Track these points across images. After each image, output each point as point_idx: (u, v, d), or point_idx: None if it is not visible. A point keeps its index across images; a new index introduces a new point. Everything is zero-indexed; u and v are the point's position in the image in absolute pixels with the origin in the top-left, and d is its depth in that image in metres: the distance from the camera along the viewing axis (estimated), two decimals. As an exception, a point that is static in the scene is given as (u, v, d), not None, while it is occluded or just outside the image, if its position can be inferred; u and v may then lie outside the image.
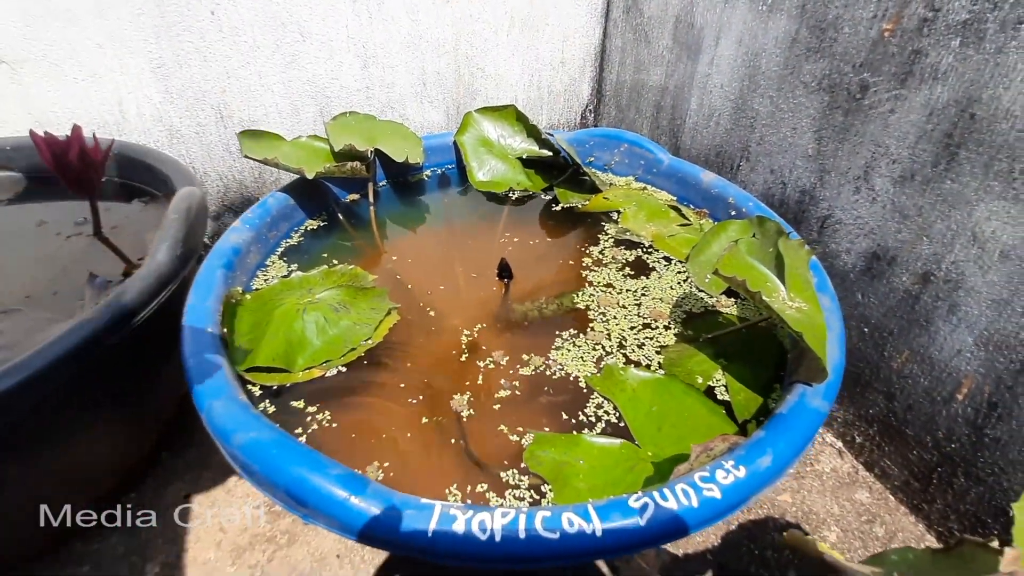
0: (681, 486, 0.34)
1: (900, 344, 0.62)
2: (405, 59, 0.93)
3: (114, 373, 0.54)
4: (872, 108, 0.59)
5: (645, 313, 0.56)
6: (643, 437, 0.43)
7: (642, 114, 0.98)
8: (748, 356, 0.50)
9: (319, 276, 0.56)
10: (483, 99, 1.03)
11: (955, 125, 0.52)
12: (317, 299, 0.52)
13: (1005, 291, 0.51)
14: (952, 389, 0.57)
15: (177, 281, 0.55)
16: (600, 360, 0.51)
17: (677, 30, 0.85)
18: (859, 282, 0.65)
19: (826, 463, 0.71)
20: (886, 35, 0.56)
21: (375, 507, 0.32)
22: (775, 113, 0.71)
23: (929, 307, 0.58)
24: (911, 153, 0.56)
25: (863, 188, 0.62)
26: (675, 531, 0.33)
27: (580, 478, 0.40)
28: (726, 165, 0.81)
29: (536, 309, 0.57)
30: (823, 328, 0.43)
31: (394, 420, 0.46)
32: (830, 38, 0.62)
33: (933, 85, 0.53)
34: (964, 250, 0.53)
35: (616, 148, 0.80)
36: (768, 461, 0.35)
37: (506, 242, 0.68)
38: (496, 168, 0.79)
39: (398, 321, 0.54)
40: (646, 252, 0.65)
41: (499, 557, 0.31)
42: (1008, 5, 0.46)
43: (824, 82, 0.63)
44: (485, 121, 0.81)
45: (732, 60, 0.76)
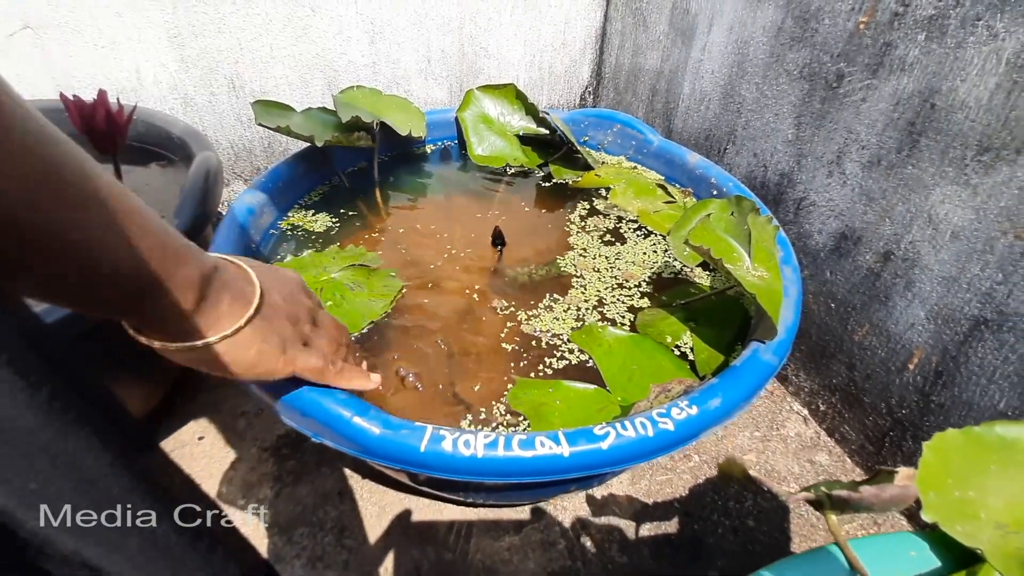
0: (640, 419, 0.39)
1: (862, 318, 0.67)
2: (411, 36, 0.96)
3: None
4: (846, 96, 0.63)
5: (622, 277, 0.61)
6: (614, 385, 0.48)
7: (639, 97, 1.02)
8: (715, 320, 0.55)
9: (331, 255, 0.61)
10: (485, 78, 1.06)
11: (918, 114, 0.56)
12: (333, 278, 0.56)
13: (954, 269, 0.55)
14: (905, 359, 0.62)
15: (198, 240, 0.60)
16: (580, 318, 0.56)
17: (673, 16, 0.89)
18: (828, 260, 0.69)
19: (791, 428, 0.76)
20: (861, 27, 0.60)
21: (375, 427, 0.37)
22: (760, 99, 0.75)
23: (888, 284, 0.62)
24: (879, 140, 0.60)
25: (835, 172, 0.66)
26: (632, 456, 0.38)
27: (555, 415, 0.45)
28: (714, 148, 0.85)
29: (527, 274, 0.62)
30: (779, 292, 0.48)
31: (398, 363, 0.51)
32: (812, 28, 0.65)
33: (900, 76, 0.57)
34: (920, 231, 0.58)
35: (609, 128, 0.84)
36: (718, 403, 0.41)
37: (501, 213, 0.73)
38: (495, 144, 0.83)
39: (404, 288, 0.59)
40: (629, 225, 0.70)
41: (480, 470, 0.37)
42: (969, 2, 0.50)
43: (805, 71, 0.67)
44: (486, 99, 0.85)
45: (723, 47, 0.80)
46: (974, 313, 0.54)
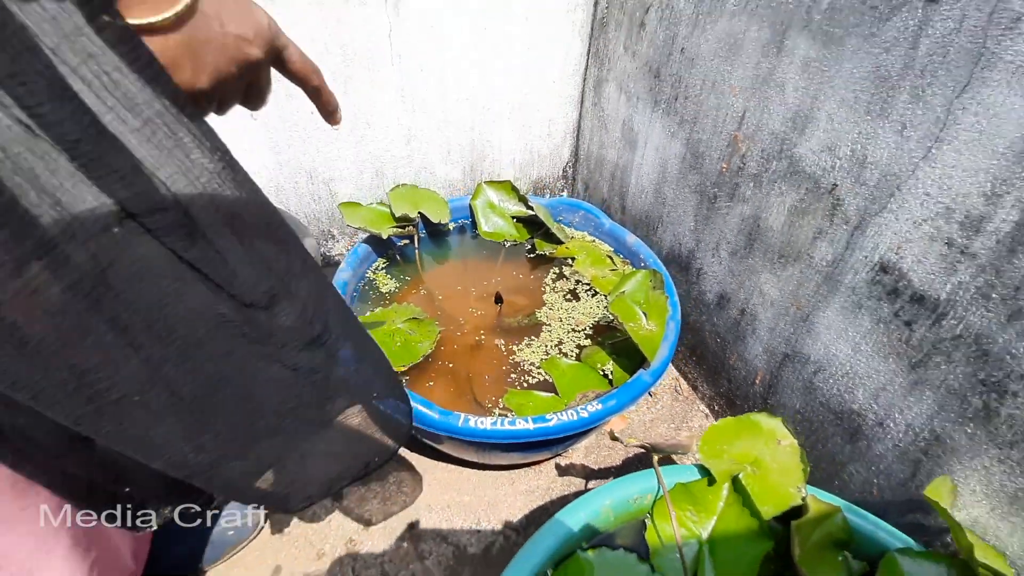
0: (570, 411, 0.75)
1: (732, 350, 1.03)
2: (436, 136, 1.33)
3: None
4: (719, 210, 0.99)
5: (575, 324, 0.98)
6: (564, 394, 0.85)
7: (603, 178, 1.39)
8: (626, 354, 0.91)
9: (394, 311, 0.97)
10: (490, 160, 1.43)
11: (752, 228, 0.92)
12: (399, 327, 0.93)
13: (772, 323, 0.92)
14: (754, 377, 0.98)
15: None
16: (547, 352, 0.93)
17: (623, 128, 1.25)
18: (714, 311, 1.06)
19: (696, 421, 1.12)
20: (723, 170, 0.96)
21: (435, 413, 0.74)
22: (675, 200, 1.11)
23: (743, 329, 0.99)
24: (735, 240, 0.97)
25: (715, 255, 1.02)
26: (568, 428, 0.74)
27: (529, 410, 0.81)
28: (651, 226, 1.22)
29: (516, 322, 0.99)
30: (658, 341, 0.84)
31: (438, 382, 0.87)
32: (699, 163, 1.02)
33: (742, 204, 0.93)
34: (757, 299, 0.94)
35: (576, 213, 1.21)
36: (613, 403, 0.77)
37: (501, 276, 1.09)
38: (497, 223, 1.19)
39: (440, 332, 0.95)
40: (583, 287, 1.07)
41: (487, 436, 0.73)
42: (771, 169, 0.86)
43: (697, 188, 1.04)
44: (490, 190, 1.21)
45: (653, 159, 1.16)
46: (783, 351, 0.90)
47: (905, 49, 0.62)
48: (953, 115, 0.59)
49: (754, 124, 0.86)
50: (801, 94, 0.77)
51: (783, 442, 0.71)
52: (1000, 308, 0.58)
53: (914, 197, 0.64)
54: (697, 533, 0.66)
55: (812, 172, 0.78)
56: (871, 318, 0.73)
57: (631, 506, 0.68)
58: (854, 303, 0.75)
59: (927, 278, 0.65)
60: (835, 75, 0.71)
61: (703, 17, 0.92)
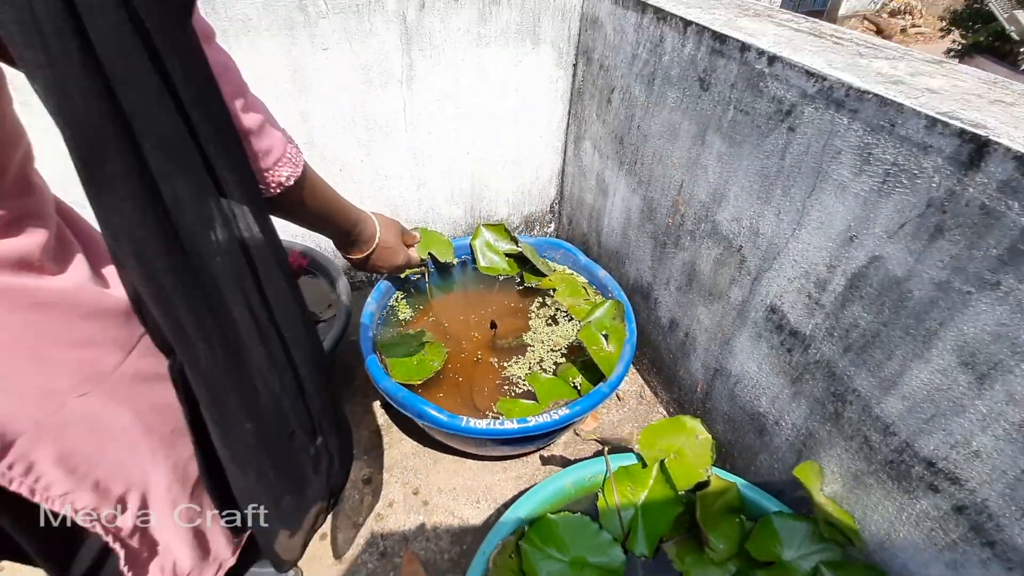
0: (546, 415, 1.01)
1: (680, 363, 1.28)
2: (442, 183, 1.59)
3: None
4: (668, 254, 1.25)
5: (555, 346, 1.24)
6: (543, 402, 1.10)
7: (583, 216, 1.64)
8: (592, 370, 1.17)
9: (411, 335, 1.23)
10: (487, 200, 1.69)
11: (691, 271, 1.18)
12: (414, 349, 1.19)
13: (707, 344, 1.17)
14: (696, 386, 1.24)
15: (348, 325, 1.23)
16: (531, 368, 1.18)
17: (597, 178, 1.51)
18: (667, 333, 1.31)
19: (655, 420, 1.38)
20: (670, 223, 1.22)
21: (443, 416, 1.00)
22: (637, 241, 1.37)
23: (688, 348, 1.24)
24: (679, 278, 1.22)
25: (667, 289, 1.28)
26: (544, 427, 1.00)
27: (516, 414, 1.07)
28: (620, 261, 1.47)
29: (507, 344, 1.25)
30: (615, 360, 1.10)
31: (446, 392, 1.13)
32: (653, 215, 1.27)
33: (683, 252, 1.19)
34: (696, 325, 1.20)
35: (558, 250, 1.46)
36: (578, 408, 1.02)
37: (496, 305, 1.35)
38: (492, 259, 1.45)
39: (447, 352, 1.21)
40: (562, 314, 1.33)
41: (484, 434, 0.99)
42: (701, 228, 1.11)
43: (652, 234, 1.29)
44: (487, 232, 1.47)
45: (620, 206, 1.41)
46: (714, 366, 1.16)
47: (778, 159, 0.87)
48: (807, 209, 0.84)
49: (689, 193, 1.12)
50: (717, 177, 1.02)
51: (700, 437, 0.97)
52: (839, 343, 0.84)
53: (788, 261, 0.90)
54: (634, 502, 0.92)
55: (726, 235, 1.03)
56: (767, 345, 0.99)
57: (587, 483, 0.94)
58: (756, 333, 1.01)
59: (798, 319, 0.91)
60: (738, 167, 0.96)
61: (652, 106, 1.17)
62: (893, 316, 0.74)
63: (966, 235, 0.64)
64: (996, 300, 0.62)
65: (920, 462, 0.75)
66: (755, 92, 0.89)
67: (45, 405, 0.43)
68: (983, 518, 0.69)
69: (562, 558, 0.85)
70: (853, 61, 0.80)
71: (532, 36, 1.38)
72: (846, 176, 0.76)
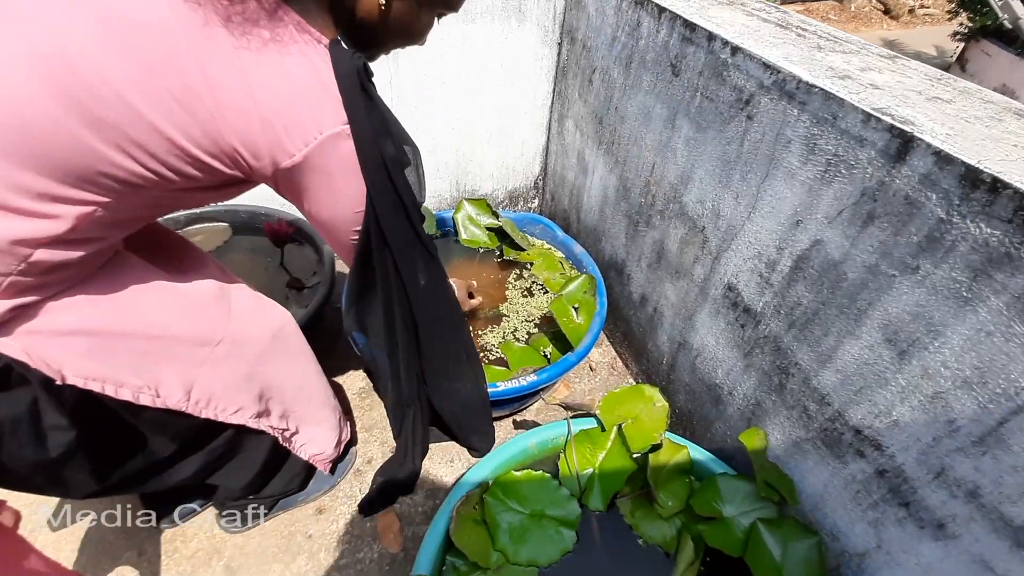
0: (514, 380, 1.07)
1: (649, 337, 1.35)
2: (427, 159, 1.62)
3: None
4: (640, 232, 1.30)
5: (528, 316, 1.30)
6: (514, 368, 1.17)
7: (565, 193, 1.69)
8: (562, 340, 1.23)
9: None
10: (472, 175, 1.72)
11: (660, 249, 1.23)
12: None
13: (672, 319, 1.23)
14: (662, 358, 1.31)
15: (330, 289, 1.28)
16: (504, 337, 1.25)
17: (578, 157, 1.55)
18: (638, 308, 1.38)
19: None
20: (643, 203, 1.27)
21: (419, 380, 1.06)
22: (613, 219, 1.42)
23: (656, 322, 1.31)
24: (650, 256, 1.28)
25: (638, 265, 1.34)
26: (511, 392, 1.06)
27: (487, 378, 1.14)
28: (598, 237, 1.52)
29: (484, 313, 1.31)
30: (583, 331, 1.16)
31: (422, 357, 1.20)
32: (627, 195, 1.32)
33: (654, 231, 1.24)
34: (664, 301, 1.26)
35: (537, 225, 1.51)
36: (545, 375, 1.09)
37: (476, 276, 1.41)
38: (474, 232, 1.50)
39: (423, 316, 1.27)
40: (538, 286, 1.38)
41: (455, 396, 1.05)
42: (669, 209, 1.17)
43: (627, 213, 1.34)
44: (469, 206, 1.52)
45: (599, 185, 1.46)
46: (678, 340, 1.23)
47: (737, 145, 0.92)
48: (761, 194, 0.90)
49: (660, 174, 1.17)
50: (685, 160, 1.07)
51: (657, 404, 1.04)
52: (784, 320, 0.90)
53: (743, 243, 0.96)
54: (592, 462, 0.99)
55: (692, 216, 1.09)
56: (724, 320, 1.05)
57: (550, 445, 1.01)
58: (715, 309, 1.07)
59: (751, 297, 0.97)
60: (703, 152, 1.01)
61: (628, 88, 1.21)
62: (830, 295, 0.80)
63: (893, 223, 0.69)
64: (915, 283, 0.68)
65: (850, 430, 0.82)
66: (719, 80, 0.93)
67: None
68: (899, 481, 0.76)
69: (522, 510, 0.93)
70: (810, 55, 0.84)
71: (517, 14, 1.40)
72: (795, 164, 0.82)
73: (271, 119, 0.54)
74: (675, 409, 1.29)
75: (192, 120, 0.52)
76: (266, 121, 0.54)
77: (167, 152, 0.53)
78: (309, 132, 0.56)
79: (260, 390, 0.85)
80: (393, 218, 0.68)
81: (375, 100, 0.61)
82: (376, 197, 0.64)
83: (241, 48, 0.52)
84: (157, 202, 0.61)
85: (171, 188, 0.57)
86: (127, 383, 0.65)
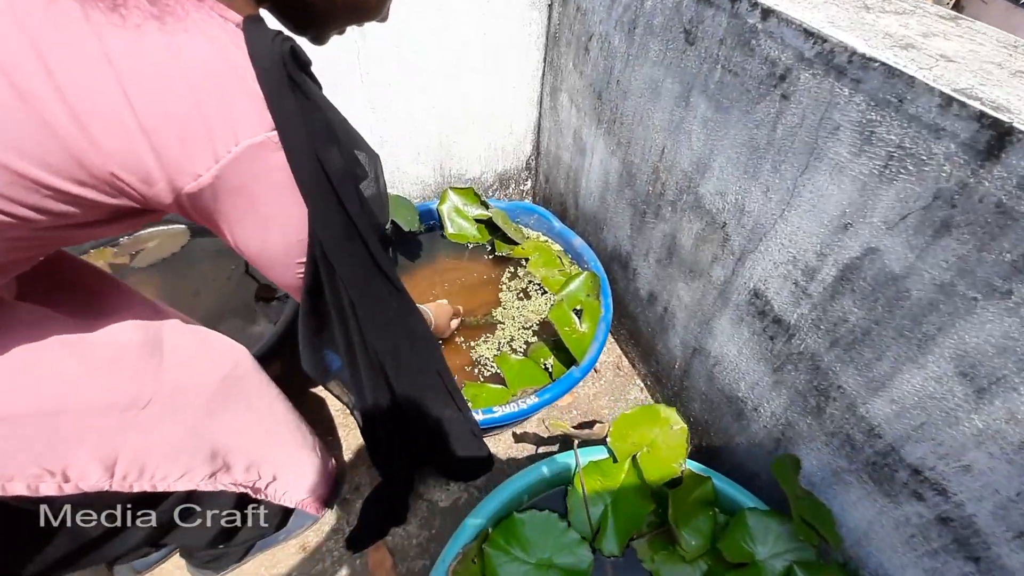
0: (512, 404, 0.95)
1: (658, 339, 1.22)
2: (406, 143, 1.46)
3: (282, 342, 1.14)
4: (648, 224, 1.16)
5: (526, 322, 1.16)
6: (512, 386, 1.04)
7: (560, 175, 1.53)
8: (565, 349, 1.10)
9: None
10: (457, 158, 1.56)
11: (671, 244, 1.09)
12: None
13: (686, 322, 1.10)
14: (674, 363, 1.18)
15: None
16: (500, 348, 1.11)
17: (575, 136, 1.39)
18: (646, 306, 1.24)
19: (632, 394, 1.34)
20: (650, 192, 1.12)
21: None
22: (616, 206, 1.27)
23: (667, 323, 1.18)
24: (659, 250, 1.14)
25: (646, 260, 1.20)
26: (510, 418, 0.94)
27: (482, 400, 1.01)
28: (598, 226, 1.38)
29: (475, 321, 1.17)
30: (588, 342, 1.03)
31: (408, 375, 1.07)
32: (632, 181, 1.17)
33: (664, 223, 1.10)
34: (676, 301, 1.13)
35: (532, 215, 1.36)
36: (548, 396, 0.97)
37: (465, 276, 1.26)
38: (461, 225, 1.35)
39: (408, 327, 1.13)
40: (534, 286, 1.24)
41: (446, 426, 0.93)
42: (683, 200, 1.02)
43: (632, 202, 1.19)
44: (455, 196, 1.36)
45: (599, 168, 1.31)
46: (693, 345, 1.10)
47: (768, 129, 0.77)
48: (798, 189, 0.75)
49: (670, 160, 1.01)
50: (702, 144, 0.92)
51: (675, 427, 0.92)
52: (825, 337, 0.77)
53: (775, 244, 0.82)
54: (604, 498, 0.88)
55: (710, 209, 0.94)
56: (749, 330, 0.92)
57: (555, 478, 0.89)
58: (738, 316, 0.94)
59: (783, 306, 0.83)
60: (724, 136, 0.86)
61: (632, 58, 1.04)
62: (887, 315, 0.67)
63: (977, 235, 0.55)
64: (1005, 310, 0.55)
65: (905, 468, 0.70)
66: (746, 51, 0.77)
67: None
68: (969, 533, 0.65)
69: (527, 559, 0.81)
70: (858, 17, 0.69)
71: (500, -28, 1.22)
72: (844, 156, 0.67)
73: (160, 129, 0.39)
74: (689, 417, 1.17)
75: (35, 137, 0.37)
76: (152, 132, 0.39)
77: (7, 184, 0.38)
78: (220, 143, 0.41)
79: (212, 447, 0.71)
80: (345, 248, 0.55)
81: (312, 96, 0.47)
82: (320, 222, 0.51)
83: (110, 28, 0.36)
84: (30, 244, 0.46)
85: (38, 228, 0.43)
86: (18, 476, 0.52)
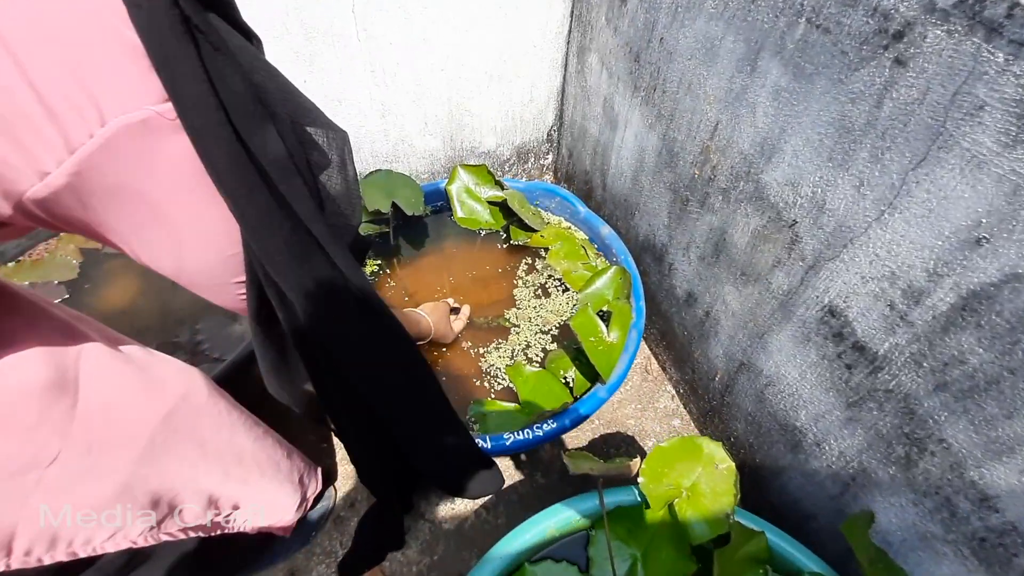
0: (527, 430, 0.80)
1: (696, 345, 1.06)
2: (412, 110, 1.28)
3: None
4: (690, 213, 0.98)
5: (544, 325, 1.01)
6: (525, 403, 0.90)
7: (586, 150, 1.34)
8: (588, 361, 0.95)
9: None
10: (470, 128, 1.38)
11: (719, 240, 0.92)
12: None
13: (732, 332, 0.94)
14: (714, 374, 1.02)
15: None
16: (513, 357, 0.96)
17: (604, 105, 1.20)
18: (683, 306, 1.08)
19: (662, 402, 1.18)
20: (695, 175, 0.94)
21: (399, 436, 0.79)
22: (651, 191, 1.09)
23: (707, 329, 1.01)
24: (702, 246, 0.96)
25: (686, 255, 1.02)
26: (522, 445, 0.79)
27: (491, 423, 0.87)
28: (629, 211, 1.20)
29: (486, 322, 1.02)
30: (617, 354, 0.88)
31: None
32: (674, 162, 0.99)
33: (711, 214, 0.92)
34: (720, 306, 0.96)
35: (553, 198, 1.19)
36: (567, 421, 0.82)
37: (475, 268, 1.10)
38: (473, 208, 1.18)
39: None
40: (554, 282, 1.08)
41: (448, 457, 0.79)
42: (739, 188, 0.84)
43: (672, 186, 1.01)
44: (465, 174, 1.19)
45: (632, 145, 1.12)
46: (740, 359, 0.94)
47: (870, 106, 0.59)
48: (907, 186, 0.57)
49: (726, 138, 0.83)
50: (771, 121, 0.73)
51: (720, 466, 0.76)
52: (929, 377, 0.60)
53: (864, 254, 0.64)
54: (632, 550, 0.74)
55: (775, 203, 0.76)
56: (817, 352, 0.75)
57: (574, 524, 0.75)
58: (804, 335, 0.77)
59: (869, 331, 0.66)
60: (803, 112, 0.68)
61: (682, 11, 0.85)
62: (1030, 363, 0.50)
63: None
64: None
65: (1030, 554, 0.54)
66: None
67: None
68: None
69: (540, 625, 0.68)
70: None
71: (522, -95, 1.01)
72: (988, 146, 0.49)
73: None
74: (729, 437, 1.02)
75: None
76: None
77: None
78: (73, 126, 0.28)
79: (154, 495, 0.58)
80: (296, 264, 0.40)
81: (226, 50, 0.32)
82: (254, 232, 0.38)
83: None
84: None
85: None
86: None
